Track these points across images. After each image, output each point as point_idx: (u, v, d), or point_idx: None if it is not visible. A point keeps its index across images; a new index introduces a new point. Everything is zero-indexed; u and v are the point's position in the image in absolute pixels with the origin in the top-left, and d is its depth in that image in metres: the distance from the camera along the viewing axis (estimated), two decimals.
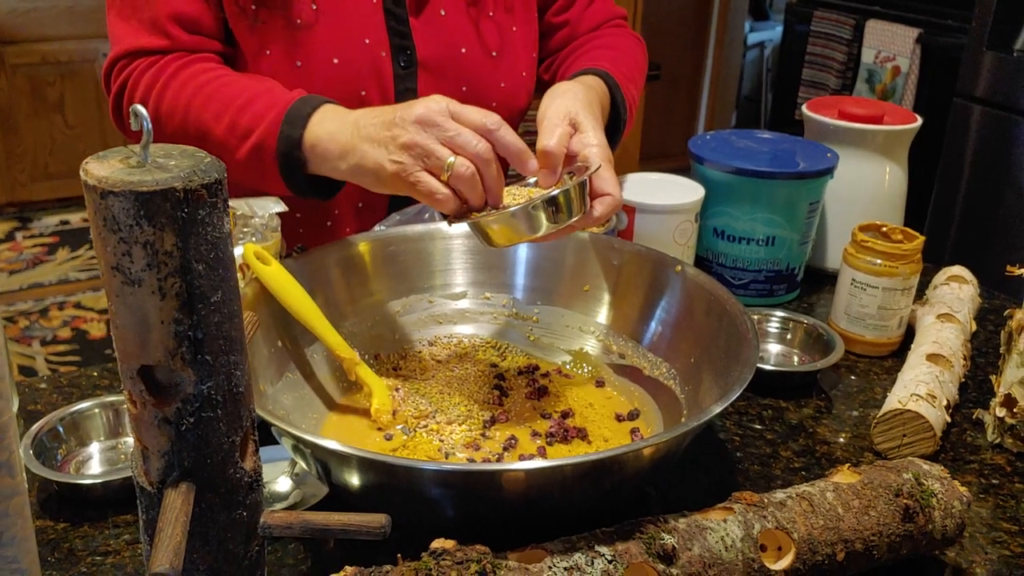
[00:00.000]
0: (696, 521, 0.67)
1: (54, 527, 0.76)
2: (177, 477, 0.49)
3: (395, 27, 1.06)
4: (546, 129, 0.86)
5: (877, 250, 1.02)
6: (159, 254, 0.44)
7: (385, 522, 0.53)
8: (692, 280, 0.90)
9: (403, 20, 1.07)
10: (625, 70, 1.10)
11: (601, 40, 1.18)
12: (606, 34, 1.20)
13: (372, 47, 1.05)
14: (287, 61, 1.03)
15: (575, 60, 1.15)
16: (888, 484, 0.71)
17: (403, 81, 1.08)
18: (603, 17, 1.21)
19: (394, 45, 1.06)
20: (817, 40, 3.04)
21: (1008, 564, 0.75)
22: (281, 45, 1.03)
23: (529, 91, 1.17)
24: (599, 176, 0.84)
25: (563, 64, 1.18)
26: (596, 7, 1.20)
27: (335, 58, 1.04)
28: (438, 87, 1.09)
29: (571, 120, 0.87)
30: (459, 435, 0.85)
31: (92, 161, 0.45)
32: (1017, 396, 0.87)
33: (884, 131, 1.19)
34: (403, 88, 1.08)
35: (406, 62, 1.07)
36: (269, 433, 0.71)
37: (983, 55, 2.37)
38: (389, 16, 1.06)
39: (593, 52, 1.14)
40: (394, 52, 1.07)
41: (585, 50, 1.16)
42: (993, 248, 2.37)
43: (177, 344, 0.46)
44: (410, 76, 1.08)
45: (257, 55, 1.03)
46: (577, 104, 0.89)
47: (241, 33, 1.03)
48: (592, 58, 1.12)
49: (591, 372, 0.94)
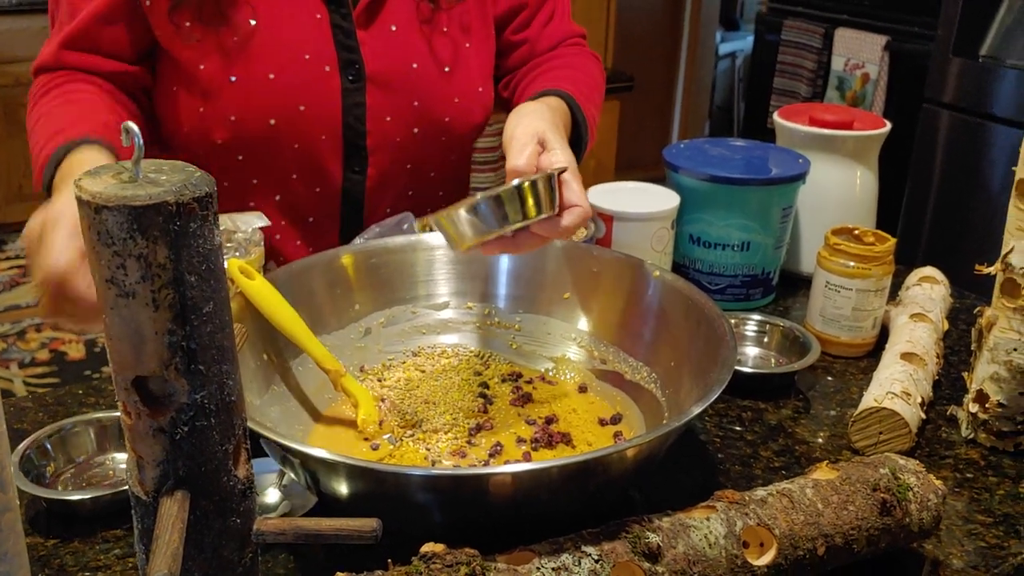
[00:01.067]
0: (680, 520, 0.68)
1: (44, 544, 0.77)
2: (172, 486, 0.50)
3: (342, 41, 1.06)
4: (515, 149, 0.87)
5: (850, 253, 1.04)
6: (152, 267, 0.45)
7: (376, 526, 0.54)
8: (670, 285, 0.92)
9: (351, 34, 1.06)
10: (584, 90, 1.11)
11: (560, 60, 1.18)
12: (565, 53, 1.20)
13: (313, 62, 1.05)
14: (222, 76, 1.03)
15: (535, 79, 1.15)
16: (865, 479, 0.73)
17: (351, 96, 1.07)
18: (561, 35, 1.21)
19: (342, 59, 1.06)
20: (788, 49, 3.08)
21: (984, 555, 0.77)
22: (216, 61, 1.02)
23: (486, 107, 1.17)
24: (568, 188, 0.84)
25: (523, 81, 1.18)
26: (554, 26, 1.21)
27: (271, 73, 1.03)
28: (388, 102, 1.09)
29: (539, 139, 0.88)
30: (445, 443, 0.86)
31: (85, 177, 0.46)
32: (989, 392, 0.90)
33: (854, 136, 1.22)
34: (351, 103, 1.07)
35: (354, 76, 1.07)
36: (256, 446, 0.71)
37: (950, 61, 2.41)
38: (336, 30, 1.06)
39: (553, 72, 1.14)
40: (342, 67, 1.06)
41: (545, 69, 1.16)
42: (964, 249, 2.42)
43: (171, 355, 0.47)
44: (359, 91, 1.07)
45: (193, 70, 1.03)
46: (543, 123, 0.90)
47: (175, 49, 1.03)
48: (552, 78, 1.12)
49: (574, 378, 0.96)
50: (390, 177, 1.14)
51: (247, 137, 1.04)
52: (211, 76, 1.02)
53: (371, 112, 1.08)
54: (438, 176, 1.19)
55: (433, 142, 1.14)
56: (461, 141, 1.17)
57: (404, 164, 1.14)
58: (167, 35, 1.02)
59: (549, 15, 1.20)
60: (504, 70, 1.22)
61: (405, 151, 1.13)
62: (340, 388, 0.88)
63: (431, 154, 1.15)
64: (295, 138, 1.06)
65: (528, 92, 1.11)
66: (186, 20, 1.01)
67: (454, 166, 1.21)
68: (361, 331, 0.96)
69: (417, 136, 1.12)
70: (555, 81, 1.10)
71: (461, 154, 1.21)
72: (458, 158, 1.20)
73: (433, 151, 1.15)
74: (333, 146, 1.08)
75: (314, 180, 1.10)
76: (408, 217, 1.06)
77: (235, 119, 1.03)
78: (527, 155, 0.86)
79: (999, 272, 0.88)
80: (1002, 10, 2.37)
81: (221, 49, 1.02)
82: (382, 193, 1.14)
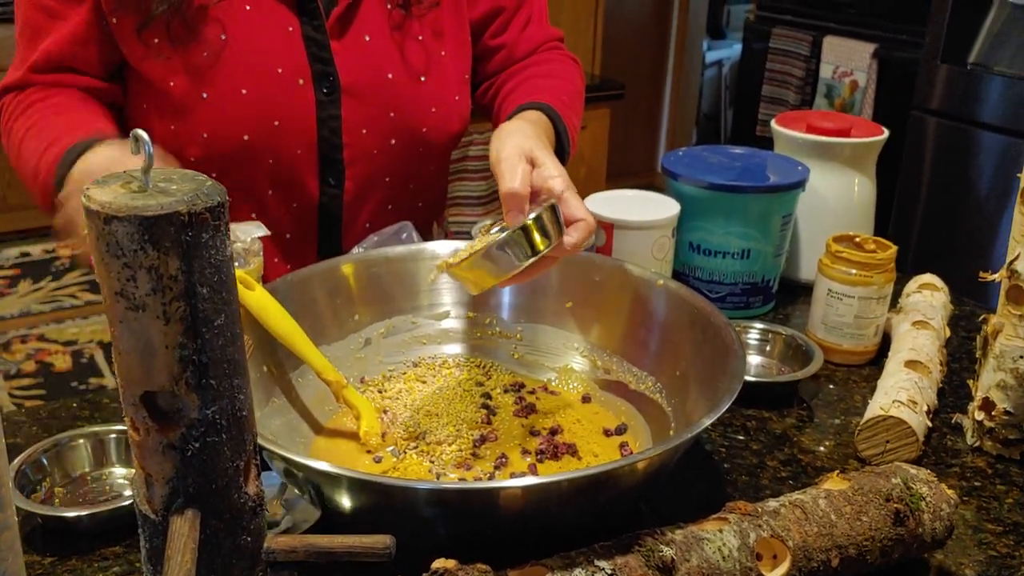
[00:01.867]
0: (692, 532, 0.67)
1: (41, 562, 0.75)
2: (182, 504, 0.48)
3: (316, 53, 1.04)
4: (506, 171, 0.85)
5: (852, 260, 1.04)
6: (164, 278, 0.44)
7: (390, 543, 0.53)
8: (674, 293, 0.91)
9: (324, 46, 1.04)
10: (565, 98, 1.10)
11: (540, 67, 1.17)
12: (543, 59, 1.19)
13: (286, 75, 1.03)
14: (194, 93, 1.01)
15: (515, 87, 1.14)
16: (878, 489, 0.72)
17: (326, 108, 1.05)
18: (539, 40, 1.20)
19: (315, 72, 1.04)
20: (776, 57, 3.09)
21: (995, 564, 0.77)
22: (188, 78, 1.00)
23: (463, 116, 1.15)
24: (567, 204, 0.84)
25: (503, 88, 1.17)
26: (532, 30, 1.19)
27: (243, 89, 1.01)
28: (364, 113, 1.07)
29: (527, 157, 0.86)
30: (449, 455, 0.84)
31: (94, 187, 0.44)
32: (995, 399, 0.89)
33: (852, 143, 1.22)
34: (326, 115, 1.05)
35: (329, 88, 1.05)
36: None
37: (937, 68, 2.43)
38: (309, 42, 1.04)
39: (533, 81, 1.13)
40: (316, 79, 1.04)
41: (525, 77, 1.15)
42: (954, 255, 2.43)
43: (182, 369, 0.46)
44: (333, 103, 1.05)
45: (163, 87, 1.01)
46: (529, 141, 0.88)
47: (145, 67, 1.01)
48: (532, 88, 1.11)
49: (577, 388, 0.95)
50: (368, 190, 1.12)
51: (221, 154, 1.02)
52: (182, 93, 1.01)
53: (347, 124, 1.06)
54: (417, 187, 1.17)
55: (411, 153, 1.12)
56: (439, 151, 1.16)
57: (382, 176, 1.12)
58: (136, 54, 1.01)
59: (526, 19, 1.19)
60: (482, 76, 1.21)
61: (382, 163, 1.11)
62: (342, 400, 0.87)
63: (409, 165, 1.13)
64: (270, 153, 1.04)
65: (509, 101, 1.10)
66: (155, 38, 0.99)
67: (433, 176, 1.19)
68: (361, 342, 0.95)
69: (394, 147, 1.10)
70: (535, 92, 1.09)
71: (440, 164, 1.19)
72: (437, 168, 1.19)
73: (411, 162, 1.13)
74: (309, 160, 1.06)
75: (290, 195, 1.08)
76: (407, 226, 1.05)
77: (208, 136, 1.01)
78: (520, 176, 0.84)
79: (1004, 279, 0.87)
80: (989, 17, 2.38)
81: (191, 66, 1.00)
82: (360, 206, 1.13)
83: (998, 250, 2.31)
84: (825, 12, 2.99)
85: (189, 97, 1.01)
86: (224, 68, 1.01)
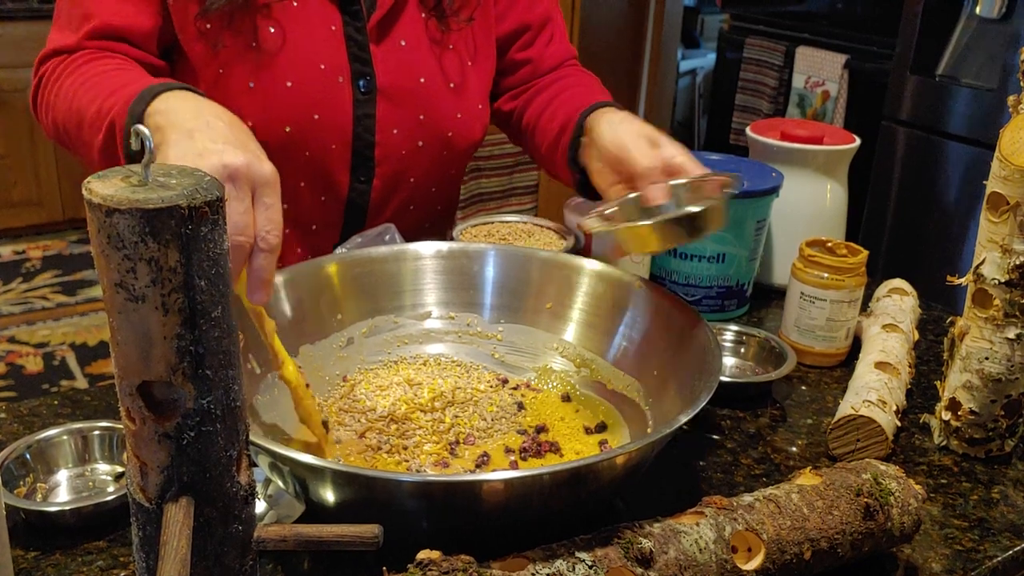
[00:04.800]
0: (670, 526, 0.69)
1: (24, 556, 0.75)
2: (176, 492, 0.49)
3: (356, 53, 1.08)
4: (634, 151, 0.94)
5: (824, 264, 1.06)
6: (163, 270, 0.45)
7: (378, 532, 0.54)
8: (653, 295, 0.93)
9: (364, 46, 1.08)
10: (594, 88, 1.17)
11: (575, 79, 1.22)
12: (572, 73, 1.24)
13: (328, 72, 1.07)
14: (241, 82, 1.04)
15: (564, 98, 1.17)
16: (849, 484, 0.74)
17: (362, 107, 1.09)
18: (562, 56, 1.26)
19: (354, 71, 1.08)
20: (749, 66, 3.13)
21: (961, 558, 0.79)
22: (237, 67, 1.03)
23: (484, 124, 1.21)
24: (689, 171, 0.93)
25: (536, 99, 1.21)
26: (555, 46, 1.25)
27: (289, 81, 1.05)
28: (397, 114, 1.11)
29: (647, 138, 0.96)
30: (424, 456, 0.85)
31: (94, 180, 0.45)
32: (961, 400, 0.92)
33: (825, 151, 1.24)
34: (362, 113, 1.09)
35: (366, 88, 1.09)
36: None
37: (907, 80, 2.47)
38: (350, 42, 1.08)
39: (578, 88, 1.18)
40: (354, 78, 1.08)
41: (566, 84, 1.20)
42: (922, 262, 2.47)
43: (179, 359, 0.47)
44: (369, 102, 1.10)
45: (212, 75, 1.03)
46: (643, 126, 0.98)
47: (195, 53, 1.03)
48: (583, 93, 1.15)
49: (557, 388, 0.96)
50: (394, 188, 1.16)
51: (262, 143, 1.03)
52: (230, 81, 1.03)
53: (380, 123, 1.11)
54: (437, 190, 1.22)
55: (435, 156, 1.17)
56: (460, 156, 1.21)
57: (408, 177, 1.16)
58: (189, 37, 1.02)
59: (550, 36, 1.25)
60: (505, 87, 1.26)
61: (409, 163, 1.15)
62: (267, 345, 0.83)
63: (433, 167, 1.18)
64: (307, 146, 1.08)
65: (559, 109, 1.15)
66: (208, 24, 1.01)
67: (451, 180, 1.24)
68: (344, 341, 0.96)
69: (421, 149, 1.15)
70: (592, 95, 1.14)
71: (459, 169, 1.24)
72: (456, 173, 1.24)
73: (435, 164, 1.18)
74: (342, 155, 1.10)
75: (321, 188, 1.12)
76: (390, 228, 1.07)
77: (252, 125, 1.02)
78: (650, 156, 0.93)
79: (970, 283, 0.90)
80: (958, 30, 2.43)
81: (241, 55, 1.03)
82: (385, 204, 1.17)
83: (964, 256, 2.36)
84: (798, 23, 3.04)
85: (236, 86, 1.03)
86: (272, 60, 1.04)
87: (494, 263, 1.00)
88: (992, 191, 0.86)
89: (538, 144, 1.19)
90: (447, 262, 1.00)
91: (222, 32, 1.02)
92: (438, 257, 1.00)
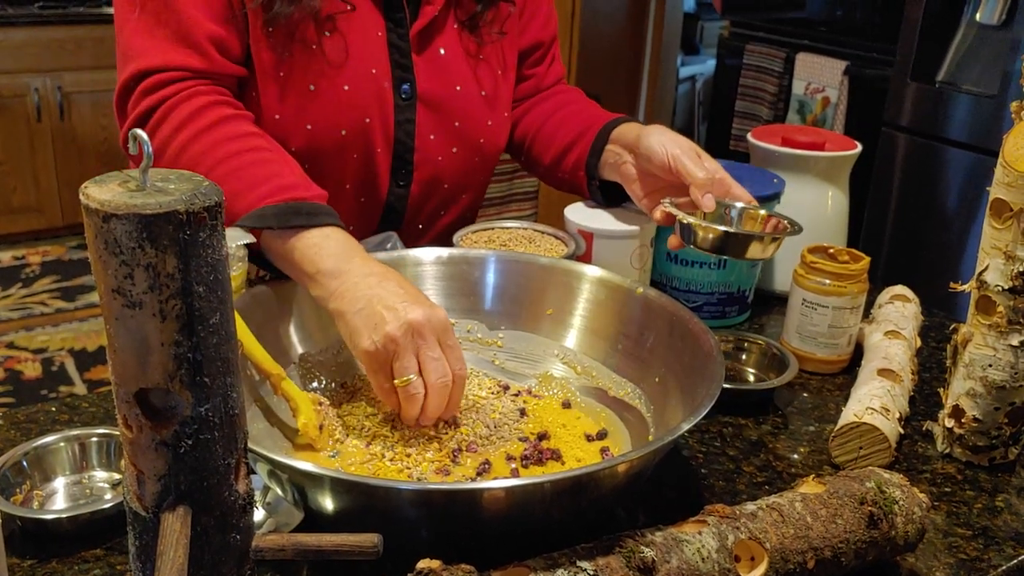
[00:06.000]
0: (672, 534, 0.68)
1: (20, 564, 0.75)
2: (173, 501, 0.49)
3: (398, 60, 1.11)
4: (688, 163, 1.04)
5: (826, 271, 1.06)
6: (161, 276, 0.44)
7: (377, 541, 0.54)
8: (654, 301, 0.93)
9: (406, 53, 1.11)
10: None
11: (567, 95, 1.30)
12: (563, 90, 1.32)
13: (378, 77, 1.10)
14: (301, 84, 1.06)
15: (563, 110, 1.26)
16: (852, 493, 0.74)
17: (403, 112, 1.12)
18: (559, 75, 1.33)
19: (396, 77, 1.11)
20: (749, 72, 3.13)
21: (965, 567, 0.78)
22: (299, 71, 1.05)
23: (507, 131, 1.25)
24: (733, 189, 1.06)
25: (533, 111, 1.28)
26: (555, 67, 1.32)
27: (346, 85, 1.07)
28: (434, 120, 1.15)
29: (695, 151, 1.06)
30: (426, 464, 0.84)
31: (92, 185, 0.45)
32: (965, 407, 0.91)
33: (827, 157, 1.24)
34: (403, 119, 1.12)
35: (407, 95, 1.12)
36: None
37: (907, 86, 2.47)
38: (393, 49, 1.10)
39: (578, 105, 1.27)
40: (395, 84, 1.11)
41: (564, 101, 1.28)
42: (923, 268, 2.46)
43: (177, 366, 0.46)
44: (409, 107, 1.13)
45: (273, 77, 1.05)
46: (682, 137, 1.08)
47: (262, 55, 1.04)
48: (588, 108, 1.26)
49: (558, 394, 0.96)
50: (429, 193, 1.20)
51: (320, 146, 1.08)
52: (290, 83, 1.05)
53: (419, 129, 1.14)
54: (466, 198, 1.25)
55: (467, 162, 1.20)
56: (489, 162, 1.24)
57: (442, 182, 1.20)
58: (256, 38, 1.04)
59: (552, 57, 1.32)
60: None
61: (444, 168, 1.19)
62: (280, 392, 0.86)
63: (465, 173, 1.22)
64: (357, 149, 1.11)
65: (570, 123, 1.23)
66: (271, 27, 1.03)
67: (479, 187, 1.28)
68: (344, 347, 0.95)
69: (456, 155, 1.18)
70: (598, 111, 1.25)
71: (486, 176, 1.28)
72: (483, 179, 1.27)
73: (467, 170, 1.21)
74: (385, 159, 1.13)
75: (364, 191, 1.15)
76: (391, 236, 1.07)
77: (311, 127, 1.07)
78: (703, 167, 1.05)
79: (974, 290, 0.90)
80: (958, 37, 2.43)
81: (303, 59, 1.05)
82: (420, 208, 1.20)
83: (966, 263, 2.36)
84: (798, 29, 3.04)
85: (298, 89, 1.05)
86: (331, 65, 1.06)
87: (494, 269, 1.00)
88: (995, 197, 0.86)
89: (538, 154, 1.25)
90: (447, 268, 1.00)
91: (287, 40, 1.04)
92: (438, 263, 1.00)
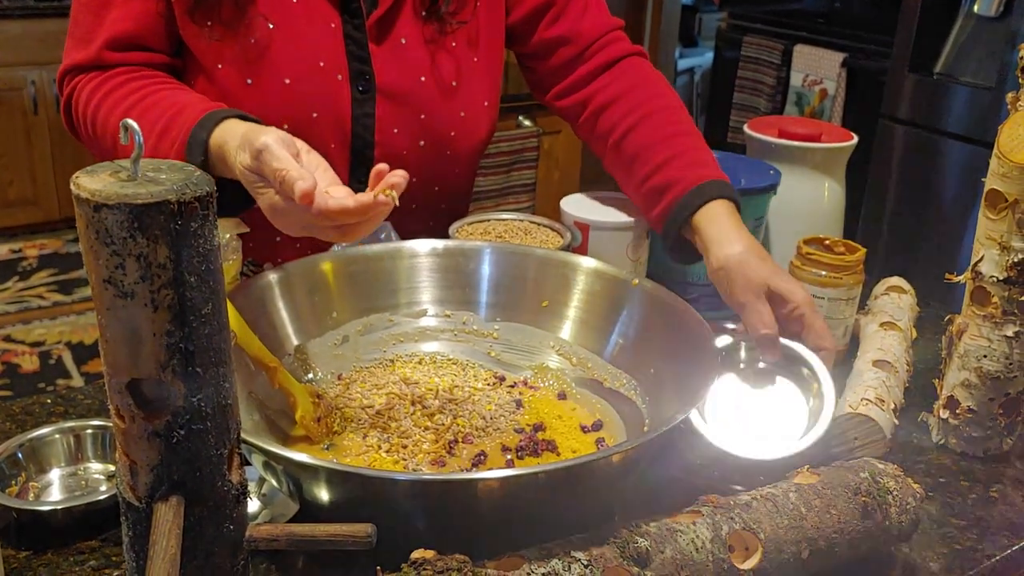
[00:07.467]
0: (666, 525, 0.68)
1: (16, 556, 0.75)
2: (166, 491, 0.49)
3: (355, 52, 1.07)
4: (753, 315, 0.92)
5: (822, 262, 1.06)
6: (152, 266, 0.44)
7: (371, 531, 0.54)
8: (650, 293, 0.93)
9: (363, 45, 1.07)
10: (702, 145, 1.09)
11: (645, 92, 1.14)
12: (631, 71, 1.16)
13: (327, 70, 1.06)
14: (239, 78, 1.04)
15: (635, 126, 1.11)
16: (846, 483, 0.74)
17: (361, 106, 1.08)
18: (601, 28, 1.17)
19: (353, 70, 1.07)
20: (747, 65, 3.13)
21: (960, 557, 0.79)
22: (234, 63, 1.03)
23: (491, 121, 1.19)
24: (811, 330, 0.91)
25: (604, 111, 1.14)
26: (591, 17, 1.17)
27: (287, 78, 1.04)
28: (396, 114, 1.10)
29: (766, 291, 0.92)
30: (422, 455, 0.85)
31: (83, 175, 0.45)
32: (960, 398, 0.91)
33: (823, 149, 1.24)
34: (360, 113, 1.09)
35: (364, 87, 1.08)
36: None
37: (905, 78, 2.47)
38: (349, 40, 1.07)
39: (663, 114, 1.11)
40: (352, 77, 1.07)
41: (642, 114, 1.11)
42: (919, 259, 2.47)
43: (169, 356, 0.46)
44: (368, 101, 1.09)
45: (211, 70, 1.04)
46: (759, 271, 0.93)
47: (198, 48, 1.04)
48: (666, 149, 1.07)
49: (553, 386, 0.96)
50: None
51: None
52: (229, 78, 1.04)
53: (380, 123, 1.10)
54: (441, 190, 1.20)
55: (438, 155, 1.16)
56: (465, 155, 1.19)
57: (410, 177, 1.13)
58: (189, 32, 1.03)
59: (584, 7, 1.17)
60: (548, 72, 1.20)
61: (411, 163, 1.11)
62: (277, 384, 0.85)
63: (436, 168, 1.17)
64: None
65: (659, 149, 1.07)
66: (207, 20, 1.02)
67: (458, 179, 1.22)
68: (339, 339, 0.96)
69: (423, 149, 1.14)
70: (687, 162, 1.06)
71: (465, 168, 1.22)
72: (462, 172, 1.22)
73: (438, 164, 1.17)
74: (341, 155, 1.09)
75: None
76: (386, 227, 1.06)
77: None
78: (767, 318, 0.91)
79: (969, 281, 0.90)
80: (955, 29, 2.43)
81: (239, 52, 1.03)
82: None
83: (962, 253, 2.36)
84: (795, 21, 3.04)
85: (235, 82, 1.04)
86: (269, 57, 1.04)
87: (490, 261, 1.00)
88: (991, 188, 0.86)
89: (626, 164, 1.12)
90: (443, 260, 1.00)
91: (216, 26, 1.02)
92: (434, 255, 1.00)
